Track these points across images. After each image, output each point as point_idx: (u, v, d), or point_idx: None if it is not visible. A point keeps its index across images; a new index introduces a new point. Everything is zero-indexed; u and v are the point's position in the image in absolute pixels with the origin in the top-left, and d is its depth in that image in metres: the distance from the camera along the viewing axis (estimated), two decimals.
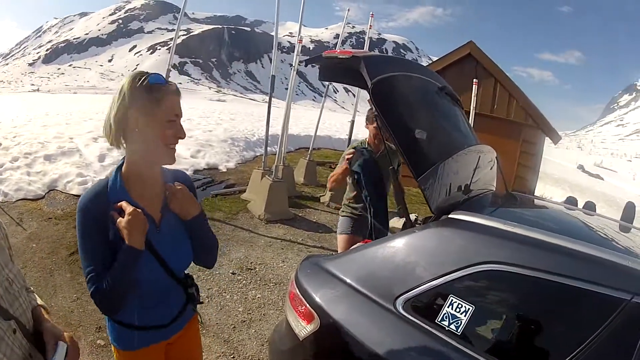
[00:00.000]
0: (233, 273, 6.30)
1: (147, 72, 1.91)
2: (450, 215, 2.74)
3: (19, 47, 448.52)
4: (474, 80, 10.69)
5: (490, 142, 4.10)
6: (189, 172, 11.86)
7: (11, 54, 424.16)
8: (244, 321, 5.14)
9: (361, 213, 4.79)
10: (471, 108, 10.16)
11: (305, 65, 4.07)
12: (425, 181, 2.77)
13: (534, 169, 14.80)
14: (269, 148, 11.11)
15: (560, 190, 28.97)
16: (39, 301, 1.76)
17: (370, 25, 12.68)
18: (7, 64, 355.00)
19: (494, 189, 3.99)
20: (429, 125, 3.38)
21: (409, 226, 3.24)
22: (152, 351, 2.24)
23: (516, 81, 14.60)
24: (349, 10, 15.11)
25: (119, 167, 2.00)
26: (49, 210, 8.16)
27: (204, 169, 13.18)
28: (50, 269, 5.92)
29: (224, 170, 13.51)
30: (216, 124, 21.77)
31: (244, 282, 6.10)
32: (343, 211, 5.05)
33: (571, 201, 4.18)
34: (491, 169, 3.96)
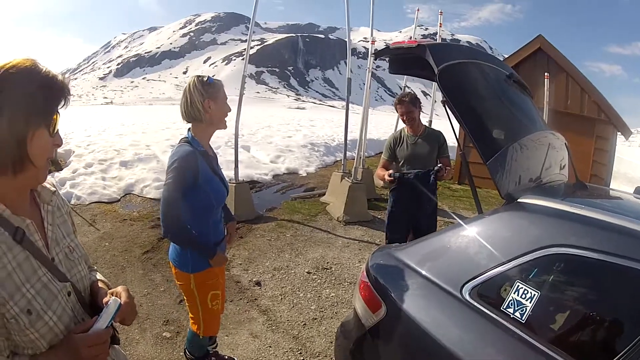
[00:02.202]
0: (308, 272, 6.37)
1: (204, 75, 3.10)
2: (519, 200, 2.72)
3: (87, 62, 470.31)
4: (545, 73, 10.43)
5: (566, 140, 4.02)
6: (268, 177, 12.45)
7: (79, 69, 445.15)
8: (315, 319, 5.18)
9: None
10: (544, 103, 9.89)
11: (375, 59, 4.19)
12: (495, 165, 2.79)
13: (607, 165, 14.32)
14: (349, 153, 11.21)
15: None
16: (100, 276, 1.85)
17: (440, 24, 12.67)
18: (76, 79, 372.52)
19: (566, 178, 3.87)
20: (497, 110, 3.45)
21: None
22: (218, 269, 3.34)
23: (588, 77, 14.04)
24: (418, 10, 14.93)
25: (191, 135, 3.10)
26: (124, 212, 8.54)
27: (284, 173, 13.52)
28: (123, 265, 6.18)
29: (304, 174, 13.80)
30: (295, 130, 22.24)
31: (319, 281, 6.15)
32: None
33: None
34: (562, 157, 3.86)
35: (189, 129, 3.13)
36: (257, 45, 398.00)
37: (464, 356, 2.14)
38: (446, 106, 2.92)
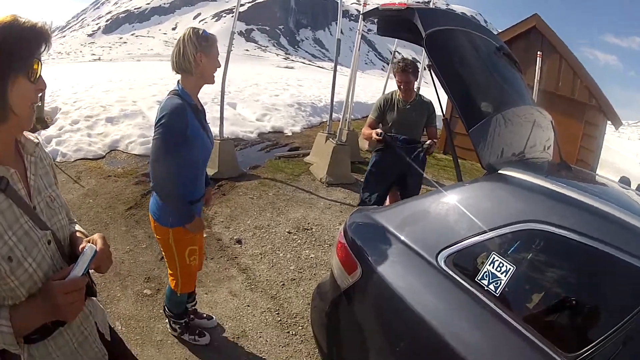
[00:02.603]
0: (289, 232, 6.45)
1: (199, 28, 3.12)
2: (500, 171, 2.74)
3: (77, 19, 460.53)
4: (538, 52, 10.42)
5: (554, 121, 4.03)
6: (253, 135, 12.44)
7: (68, 26, 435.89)
8: (294, 279, 5.28)
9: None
10: (535, 82, 9.91)
11: (364, 19, 4.19)
12: (477, 134, 2.81)
13: (595, 152, 14.38)
14: (335, 114, 11.21)
15: None
16: (79, 227, 1.90)
17: None
18: (64, 36, 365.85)
19: (550, 157, 3.89)
20: (484, 80, 3.45)
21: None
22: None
23: (583, 63, 14.01)
24: None
25: (181, 88, 3.12)
26: (108, 169, 8.55)
27: (269, 132, 13.50)
28: (106, 222, 6.21)
29: (289, 134, 13.79)
30: (283, 89, 22.05)
31: (299, 241, 6.23)
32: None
33: (625, 181, 4.06)
34: (547, 136, 3.89)
35: (178, 81, 3.17)
36: (249, 2, 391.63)
37: (437, 324, 2.17)
38: (431, 71, 2.95)
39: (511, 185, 2.59)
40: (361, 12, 10.13)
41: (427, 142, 5.23)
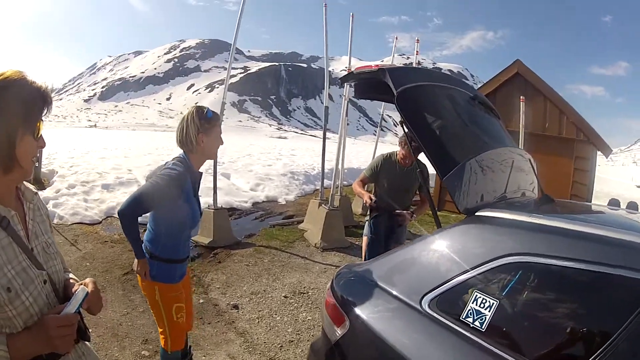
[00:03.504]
0: (285, 296, 6.43)
1: (205, 107, 3.27)
2: (477, 213, 2.79)
3: (73, 83, 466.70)
4: (521, 97, 10.62)
5: (544, 161, 4.08)
6: (247, 204, 12.55)
7: (65, 89, 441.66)
8: (292, 341, 5.25)
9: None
10: (520, 126, 10.09)
11: (342, 84, 4.36)
12: (452, 181, 2.89)
13: (587, 185, 14.33)
14: (327, 181, 11.35)
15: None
16: (72, 275, 2.00)
17: (417, 51, 12.88)
18: (60, 99, 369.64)
19: (534, 196, 3.91)
20: (457, 128, 3.55)
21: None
22: (183, 283, 3.50)
23: (570, 100, 14.32)
24: (396, 38, 15.29)
25: (186, 157, 3.26)
26: (105, 234, 8.58)
27: (263, 201, 13.64)
28: (103, 285, 6.21)
29: (284, 202, 13.94)
30: (276, 159, 22.35)
31: (296, 305, 6.22)
32: (368, 216, 5.70)
33: (614, 203, 4.12)
34: (529, 175, 3.92)
35: (184, 151, 3.31)
36: (241, 73, 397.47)
37: None
38: (403, 126, 3.05)
39: (489, 224, 2.63)
40: (338, 78, 10.39)
41: (413, 210, 5.40)
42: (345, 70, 4.95)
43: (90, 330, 1.80)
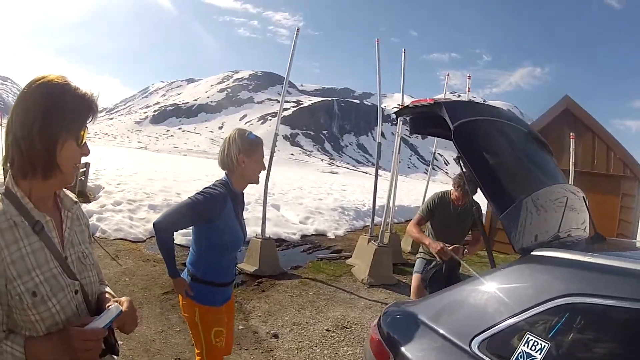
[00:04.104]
0: (327, 330, 6.29)
1: (247, 130, 3.34)
2: (532, 253, 2.69)
3: (124, 105, 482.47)
4: (571, 134, 10.49)
5: (591, 200, 3.96)
6: (296, 237, 12.55)
7: (116, 109, 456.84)
8: None
9: (433, 257, 5.18)
10: (570, 164, 9.86)
11: (397, 117, 4.35)
12: (509, 219, 2.81)
13: (633, 224, 13.97)
14: (378, 218, 11.32)
15: None
16: (108, 289, 1.97)
17: (469, 88, 12.79)
18: (111, 119, 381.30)
19: (586, 235, 3.80)
20: (512, 164, 3.46)
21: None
22: (226, 307, 3.45)
23: (616, 135, 14.06)
24: (448, 75, 15.26)
25: (228, 179, 3.28)
26: (148, 253, 8.66)
27: (312, 234, 13.64)
28: (140, 301, 6.21)
29: (332, 237, 13.88)
30: (327, 194, 22.57)
31: (337, 338, 6.06)
32: (419, 253, 5.61)
33: None
34: (582, 213, 3.80)
35: (226, 173, 3.34)
36: (294, 107, 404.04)
37: None
38: (460, 162, 2.98)
39: (543, 264, 2.54)
40: (393, 113, 10.43)
41: (466, 248, 5.19)
42: (398, 107, 4.93)
43: (121, 343, 1.73)
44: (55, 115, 1.53)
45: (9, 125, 1.55)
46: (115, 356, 1.87)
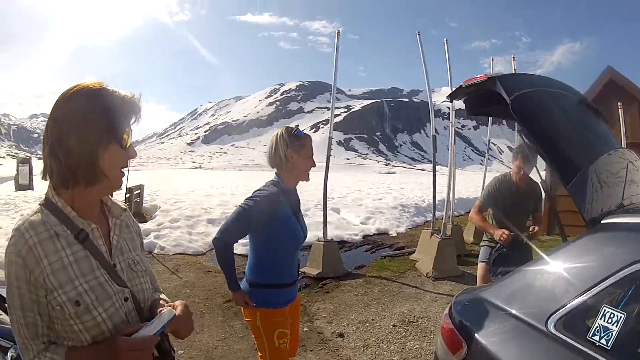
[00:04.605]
0: (394, 325, 6.21)
1: (293, 127, 3.27)
2: (602, 221, 2.61)
3: (175, 128, 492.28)
4: (619, 103, 10.20)
5: None
6: (358, 237, 12.57)
7: (166, 134, 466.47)
8: None
9: (497, 244, 5.13)
10: (621, 134, 9.51)
11: (451, 101, 4.25)
12: (576, 188, 2.76)
13: None
14: (438, 212, 11.31)
15: None
16: (163, 296, 1.90)
17: (515, 69, 12.51)
18: (162, 142, 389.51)
19: None
20: (573, 133, 3.38)
21: None
22: (290, 308, 3.40)
23: None
24: (493, 60, 15.15)
25: (279, 178, 3.26)
26: (208, 265, 8.75)
27: (374, 234, 13.60)
28: (202, 311, 6.27)
29: (394, 234, 13.83)
30: (386, 193, 22.63)
31: (404, 333, 5.98)
32: (483, 241, 5.53)
33: None
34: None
35: (276, 173, 3.32)
36: (344, 112, 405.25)
37: None
38: (522, 135, 2.88)
39: (614, 231, 2.49)
40: (452, 108, 10.32)
41: (532, 228, 5.11)
42: (447, 101, 4.84)
43: (181, 352, 1.65)
44: (92, 120, 1.50)
45: (45, 137, 1.52)
46: None
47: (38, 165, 1.65)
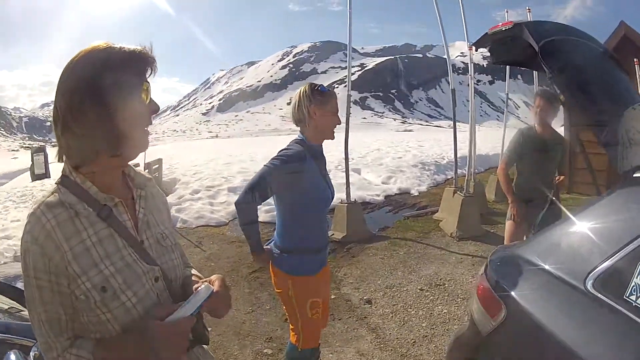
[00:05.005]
0: (421, 289, 6.21)
1: (317, 84, 3.21)
2: (635, 174, 2.55)
3: (188, 99, 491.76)
4: (635, 59, 10.00)
5: None
6: (380, 198, 12.53)
7: (180, 106, 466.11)
8: (426, 336, 5.03)
9: (526, 200, 5.14)
10: (638, 90, 9.34)
11: (476, 50, 4.18)
12: (608, 138, 2.74)
13: None
14: (460, 170, 11.09)
15: None
16: (195, 272, 1.80)
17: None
18: (177, 115, 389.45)
19: None
20: (601, 83, 3.30)
21: None
22: (322, 276, 3.36)
23: None
24: (507, 11, 15.02)
25: (303, 137, 3.20)
26: (232, 235, 8.77)
27: (396, 194, 13.52)
28: (228, 284, 6.15)
29: (416, 193, 13.75)
30: (405, 151, 22.44)
31: (431, 297, 5.99)
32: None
33: None
34: None
35: (300, 131, 3.26)
36: (358, 70, 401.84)
37: (590, 356, 1.97)
38: (552, 83, 2.82)
39: None
40: (470, 60, 10.14)
41: (557, 178, 5.14)
42: (462, 56, 4.75)
43: (210, 329, 1.54)
44: (105, 79, 1.34)
45: (55, 116, 1.38)
46: (205, 346, 1.71)
47: (53, 153, 1.50)
